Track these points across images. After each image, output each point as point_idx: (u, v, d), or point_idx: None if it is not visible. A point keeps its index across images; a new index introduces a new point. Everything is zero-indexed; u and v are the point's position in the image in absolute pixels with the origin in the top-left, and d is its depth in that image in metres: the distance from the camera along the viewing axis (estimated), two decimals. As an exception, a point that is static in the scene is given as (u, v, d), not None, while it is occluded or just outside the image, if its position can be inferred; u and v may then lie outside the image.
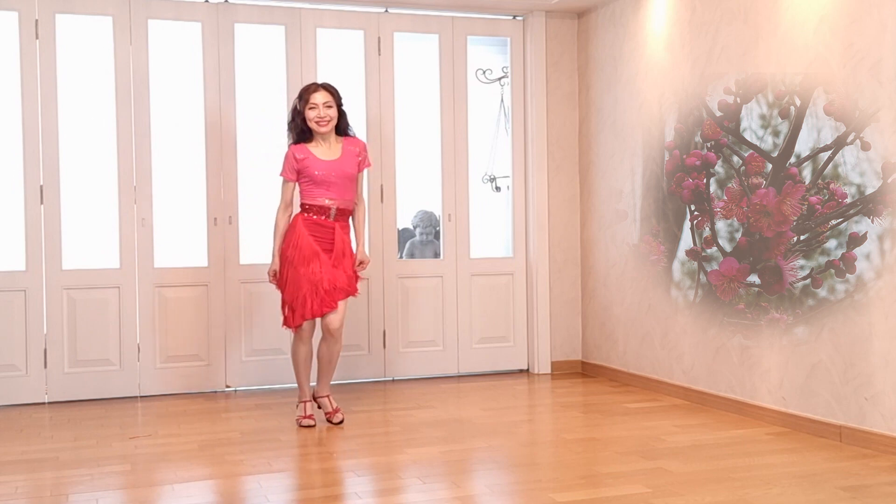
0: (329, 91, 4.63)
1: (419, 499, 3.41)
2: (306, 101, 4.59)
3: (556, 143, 6.17)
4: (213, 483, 3.67)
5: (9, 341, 5.26)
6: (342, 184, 4.62)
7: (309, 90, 4.62)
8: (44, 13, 5.30)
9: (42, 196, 5.31)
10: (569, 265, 6.22)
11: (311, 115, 4.58)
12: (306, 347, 4.69)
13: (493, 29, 6.19)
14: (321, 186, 4.59)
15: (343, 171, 4.62)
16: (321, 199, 4.60)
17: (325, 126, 4.60)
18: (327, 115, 4.59)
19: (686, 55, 5.11)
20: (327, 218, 4.61)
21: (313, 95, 4.59)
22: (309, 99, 4.59)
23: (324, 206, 4.60)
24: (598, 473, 3.70)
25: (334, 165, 4.61)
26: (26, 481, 3.68)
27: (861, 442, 4.02)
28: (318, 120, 4.58)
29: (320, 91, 4.61)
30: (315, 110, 4.58)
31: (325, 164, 4.60)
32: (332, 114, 4.61)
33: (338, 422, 4.67)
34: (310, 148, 4.63)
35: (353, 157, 4.67)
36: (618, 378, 5.81)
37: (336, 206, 4.61)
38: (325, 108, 4.58)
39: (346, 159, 4.65)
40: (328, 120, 4.60)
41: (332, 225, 4.61)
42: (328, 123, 4.60)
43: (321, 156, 4.62)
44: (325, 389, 4.74)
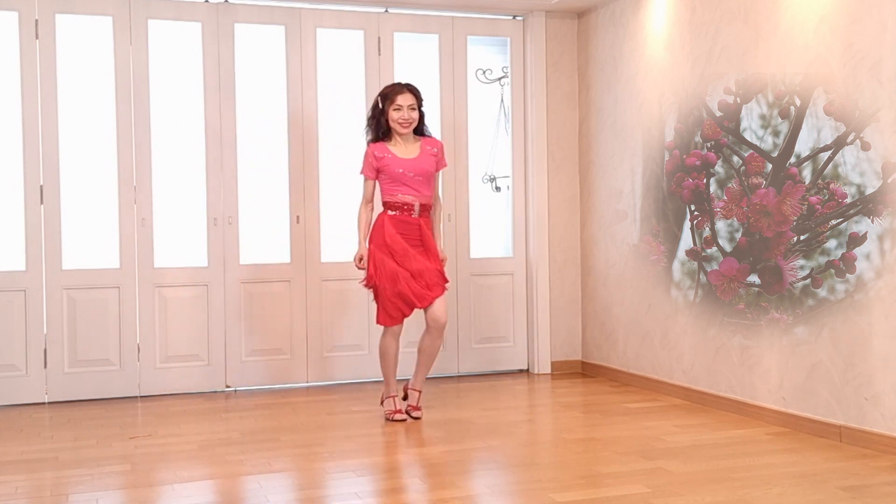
0: (414, 93, 4.72)
1: (419, 499, 3.41)
2: (392, 102, 4.67)
3: (556, 143, 6.17)
4: (213, 483, 3.67)
5: (9, 341, 5.27)
6: (422, 181, 4.71)
7: (395, 91, 4.69)
8: (44, 13, 5.30)
9: (42, 196, 5.31)
10: (569, 265, 6.22)
11: (395, 115, 4.67)
12: (397, 343, 4.78)
13: (493, 29, 6.19)
14: (403, 184, 4.68)
15: (423, 168, 4.71)
16: (404, 196, 4.69)
17: (407, 128, 4.70)
18: (411, 117, 4.69)
19: (686, 55, 5.11)
20: (411, 214, 4.69)
21: (400, 97, 4.67)
22: (395, 100, 4.67)
23: (407, 202, 4.69)
24: (598, 473, 3.70)
25: (414, 164, 4.70)
26: (26, 481, 3.68)
27: (861, 442, 4.02)
28: (401, 121, 4.68)
29: (406, 93, 4.69)
30: (400, 112, 4.67)
31: (405, 163, 4.69)
32: (416, 116, 4.72)
33: (416, 417, 4.77)
34: (389, 147, 4.72)
35: (430, 155, 4.76)
36: (618, 378, 5.81)
37: (419, 203, 4.71)
38: (409, 110, 4.69)
39: (424, 157, 4.74)
40: (411, 122, 4.70)
41: (416, 221, 4.70)
42: (410, 125, 4.71)
43: (401, 154, 4.71)
44: (418, 384, 4.85)
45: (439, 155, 4.81)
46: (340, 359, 5.88)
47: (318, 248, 5.80)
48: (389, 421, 4.71)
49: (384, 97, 4.72)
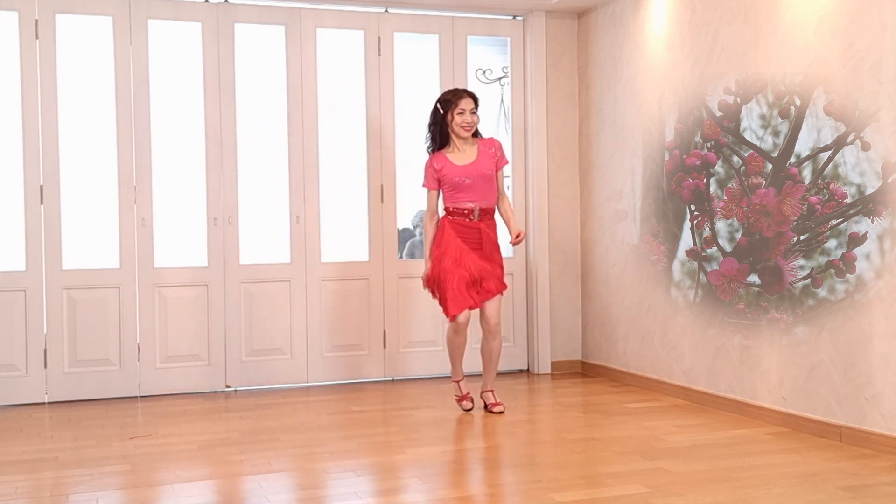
0: (474, 99, 4.83)
1: (419, 499, 3.41)
2: (456, 106, 4.78)
3: (556, 143, 6.17)
4: (213, 483, 3.67)
5: (9, 341, 5.27)
6: (481, 185, 4.79)
7: (458, 95, 4.80)
8: (44, 13, 5.30)
9: (42, 196, 5.31)
10: (569, 265, 6.22)
11: (459, 120, 4.77)
12: (460, 338, 4.87)
13: (493, 29, 6.19)
14: (462, 190, 4.77)
15: (481, 172, 4.78)
16: (463, 202, 4.78)
17: (469, 131, 4.81)
18: (473, 121, 4.81)
19: (686, 55, 5.11)
20: (471, 219, 4.79)
21: (462, 101, 4.78)
22: (459, 104, 4.77)
23: (467, 208, 4.79)
24: (598, 473, 3.70)
25: (471, 169, 4.78)
26: (26, 481, 3.68)
27: (861, 442, 4.02)
28: (465, 125, 4.78)
29: (467, 98, 4.80)
30: (463, 116, 4.77)
31: (463, 170, 4.77)
32: (476, 120, 4.83)
33: (498, 412, 4.89)
34: (447, 155, 4.82)
35: (489, 157, 4.83)
36: (618, 378, 5.81)
37: (478, 207, 4.79)
38: (471, 114, 4.79)
39: (482, 161, 4.81)
40: (473, 126, 4.81)
41: (476, 225, 4.79)
42: (472, 129, 4.81)
43: (458, 161, 4.80)
44: (488, 385, 4.98)
45: (498, 153, 4.87)
46: (341, 359, 5.88)
47: (318, 248, 5.80)
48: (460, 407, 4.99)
49: (446, 103, 4.81)
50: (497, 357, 4.95)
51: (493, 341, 4.89)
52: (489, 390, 4.98)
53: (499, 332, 4.89)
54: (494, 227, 4.89)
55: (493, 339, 4.89)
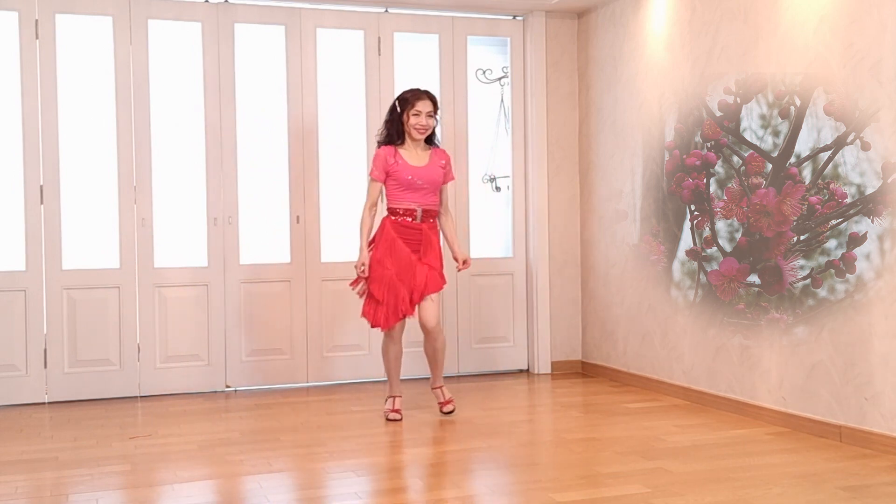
0: (433, 101, 4.77)
1: (419, 499, 3.41)
2: (412, 106, 4.72)
3: (556, 143, 6.17)
4: (213, 483, 3.67)
5: (9, 341, 5.27)
6: (429, 190, 4.77)
7: (416, 96, 4.73)
8: (44, 13, 5.30)
9: (42, 196, 5.31)
10: (569, 265, 6.22)
11: (413, 121, 4.72)
12: (397, 347, 4.83)
13: (493, 29, 6.19)
14: (409, 190, 4.73)
15: (431, 177, 4.77)
16: (408, 202, 4.74)
17: (423, 134, 4.76)
18: (429, 124, 4.75)
19: (686, 55, 5.11)
20: (414, 220, 4.75)
21: (420, 103, 4.72)
22: (415, 105, 4.72)
23: (410, 209, 4.75)
24: (598, 473, 3.70)
25: (423, 171, 4.75)
26: (26, 481, 3.68)
27: (861, 442, 4.02)
28: (419, 127, 4.73)
29: (426, 100, 4.74)
30: (419, 117, 4.72)
31: (415, 170, 4.73)
32: (433, 123, 4.78)
33: (447, 412, 4.84)
34: (401, 152, 4.76)
35: (438, 166, 4.82)
36: (618, 378, 5.81)
37: (422, 209, 4.77)
38: (427, 117, 4.74)
39: (432, 167, 4.79)
40: (427, 129, 4.76)
41: (418, 226, 4.75)
42: (426, 132, 4.76)
43: (411, 161, 4.75)
44: (437, 381, 4.92)
45: (447, 167, 4.86)
46: (340, 359, 5.88)
47: (318, 248, 5.80)
48: (387, 420, 4.76)
49: (403, 102, 4.75)
50: (442, 354, 4.89)
51: (435, 341, 4.83)
52: (438, 386, 4.92)
53: (439, 333, 4.83)
54: (437, 230, 4.87)
55: (436, 339, 4.83)
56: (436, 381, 4.92)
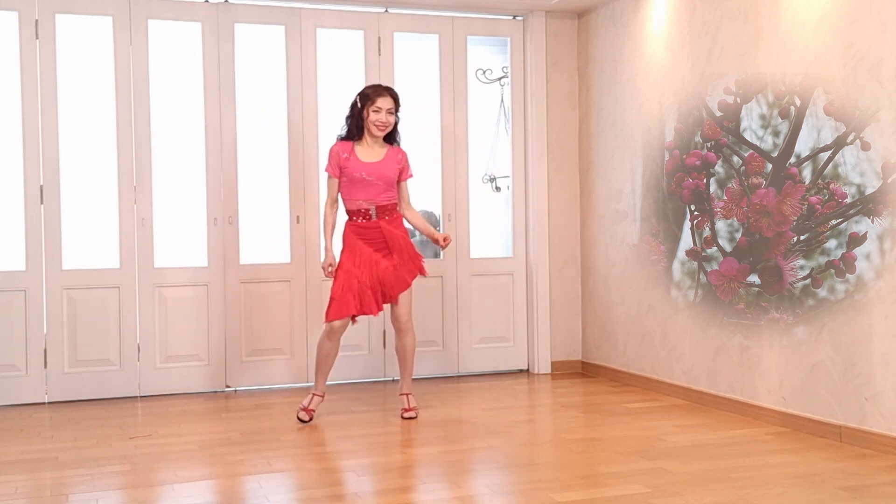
0: (394, 99, 4.72)
1: (419, 499, 3.41)
2: (372, 102, 4.66)
3: (556, 143, 6.17)
4: (213, 483, 3.67)
5: (9, 341, 5.27)
6: (382, 187, 4.69)
7: (377, 92, 4.68)
8: (44, 13, 5.30)
9: (42, 196, 5.31)
10: (569, 265, 6.22)
11: (373, 117, 4.66)
12: (331, 344, 4.71)
13: (493, 29, 6.19)
14: (358, 188, 4.67)
15: (383, 173, 4.69)
16: (359, 202, 4.68)
17: (382, 131, 4.70)
18: (388, 121, 4.70)
19: (686, 55, 5.11)
20: (369, 219, 4.68)
21: (381, 99, 4.66)
22: (376, 101, 4.66)
23: (364, 209, 4.68)
24: (598, 473, 3.70)
25: (376, 167, 4.68)
26: (26, 481, 3.68)
27: (861, 442, 4.02)
28: (378, 124, 4.67)
29: (387, 97, 4.68)
30: (378, 114, 4.66)
31: (366, 166, 4.67)
32: (392, 120, 4.72)
33: (409, 417, 4.77)
34: (355, 147, 4.71)
35: (394, 163, 4.74)
36: (618, 378, 5.81)
37: (375, 206, 4.68)
38: (387, 114, 4.69)
39: (387, 163, 4.72)
40: (387, 126, 4.70)
41: (375, 224, 4.68)
42: (386, 129, 4.71)
43: (364, 157, 4.69)
44: (405, 387, 4.83)
45: (403, 163, 4.79)
46: (340, 359, 5.85)
47: (317, 248, 5.80)
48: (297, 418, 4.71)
49: (364, 97, 4.69)
50: (412, 355, 4.83)
51: (405, 338, 4.77)
52: (405, 393, 4.84)
53: (410, 329, 4.77)
54: (399, 222, 4.77)
55: (405, 336, 4.77)
56: (403, 387, 4.85)
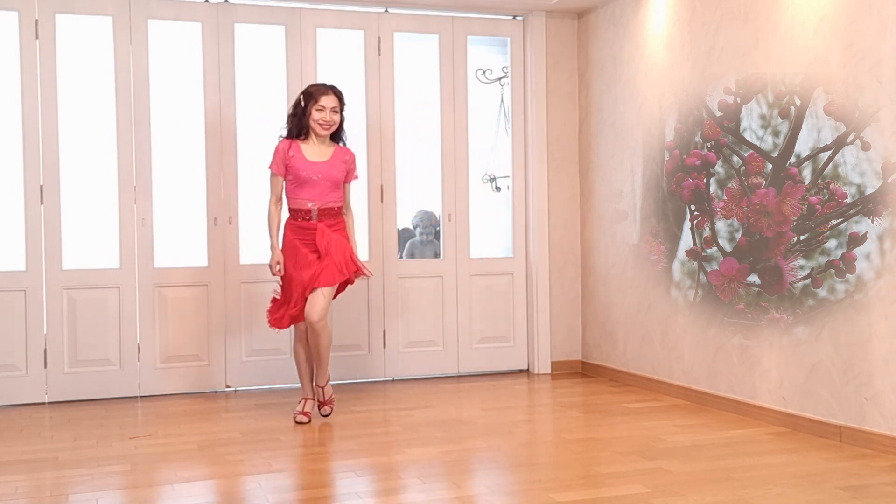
0: (338, 96, 4.67)
1: (419, 499, 3.41)
2: (315, 101, 4.61)
3: (556, 143, 6.17)
4: (213, 483, 3.67)
5: (9, 341, 5.26)
6: (326, 186, 4.64)
7: (320, 91, 4.63)
8: (44, 13, 5.30)
9: (42, 196, 5.31)
10: (569, 265, 6.22)
11: (317, 116, 4.61)
12: (302, 346, 4.76)
13: (493, 29, 6.19)
14: (304, 187, 4.62)
15: (329, 173, 4.64)
16: (302, 201, 4.63)
17: (326, 130, 4.65)
18: (332, 119, 4.64)
19: (686, 55, 5.11)
20: (310, 220, 4.63)
21: (324, 98, 4.61)
22: (319, 99, 4.61)
23: (305, 208, 4.63)
24: (598, 473, 3.70)
25: (321, 167, 4.63)
26: (26, 481, 3.68)
27: (861, 442, 4.02)
28: (322, 123, 4.62)
29: (331, 95, 4.64)
30: (322, 113, 4.61)
31: (311, 165, 4.62)
32: (337, 119, 4.66)
33: (324, 414, 4.79)
34: (301, 146, 4.66)
35: (341, 163, 4.70)
36: (618, 378, 5.81)
37: (317, 207, 4.63)
38: (331, 112, 4.63)
39: (334, 163, 4.67)
40: (331, 125, 4.65)
41: (313, 226, 4.62)
42: (330, 128, 4.66)
43: (310, 156, 4.65)
44: (320, 379, 4.78)
45: (350, 164, 4.75)
46: (340, 359, 5.87)
47: (318, 248, 5.80)
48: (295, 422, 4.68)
49: (307, 96, 4.64)
50: (324, 353, 4.65)
51: (317, 338, 4.57)
52: (321, 386, 4.77)
53: (323, 329, 4.54)
54: (342, 227, 4.70)
55: (318, 336, 4.57)
56: (319, 379, 4.76)
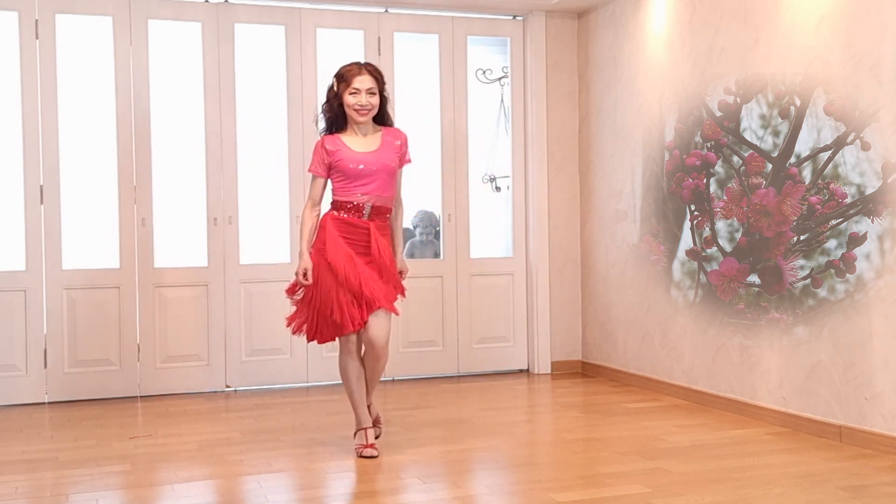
0: (374, 75, 3.99)
1: (419, 499, 3.41)
2: (347, 84, 3.95)
3: (556, 143, 6.17)
4: (213, 483, 3.67)
5: (9, 341, 5.26)
6: (380, 179, 3.97)
7: (352, 72, 3.96)
8: (44, 13, 5.30)
9: (42, 196, 5.31)
10: (569, 265, 6.22)
11: (351, 101, 3.94)
12: (356, 364, 4.01)
13: (493, 29, 6.19)
14: (356, 181, 3.94)
15: (382, 163, 3.98)
16: (355, 194, 3.95)
17: (364, 115, 3.97)
18: (369, 103, 3.96)
19: (686, 55, 5.11)
20: (360, 216, 3.97)
21: (357, 79, 3.94)
22: (351, 82, 3.94)
23: (357, 203, 3.95)
24: (598, 473, 3.70)
25: (372, 158, 3.96)
26: (26, 481, 3.68)
27: (861, 442, 4.02)
28: (358, 108, 3.95)
29: (365, 74, 3.96)
30: (357, 96, 3.94)
31: (360, 157, 3.95)
32: (375, 102, 3.98)
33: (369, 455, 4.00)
34: (343, 139, 4.00)
35: (394, 150, 4.04)
36: (618, 378, 5.81)
37: (371, 203, 3.96)
38: (367, 94, 3.95)
39: (385, 151, 4.01)
40: (369, 109, 3.97)
41: (365, 225, 3.96)
42: (368, 113, 3.97)
43: (356, 147, 3.98)
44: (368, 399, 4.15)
45: (403, 148, 4.09)
46: (340, 359, 5.87)
47: (318, 248, 5.80)
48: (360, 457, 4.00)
49: (339, 78, 3.99)
50: (375, 381, 4.07)
51: (377, 363, 3.99)
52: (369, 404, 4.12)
53: (385, 354, 3.97)
54: (388, 231, 4.07)
55: (378, 361, 3.98)
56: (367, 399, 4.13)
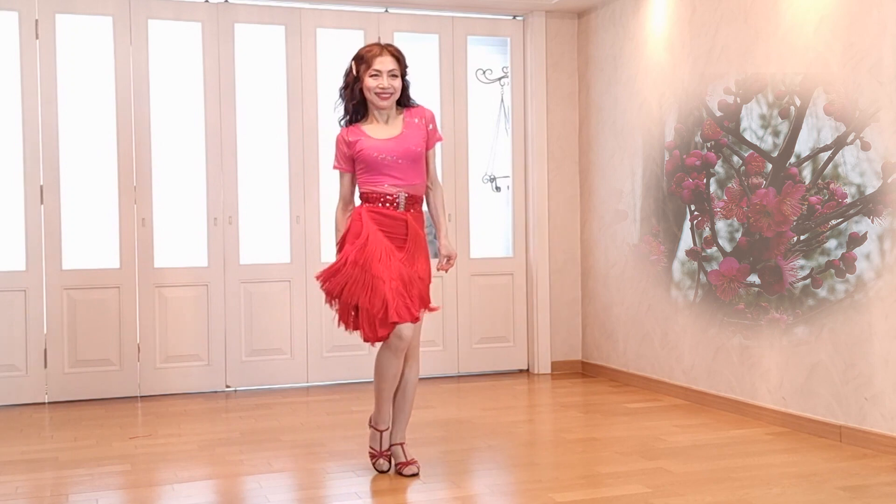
0: (396, 56, 3.68)
1: (419, 499, 3.41)
2: (368, 66, 3.63)
3: (556, 143, 6.17)
4: (213, 483, 3.67)
5: (9, 341, 5.26)
6: (408, 165, 3.67)
7: (372, 53, 3.65)
8: (44, 13, 5.30)
9: (42, 196, 5.31)
10: (569, 265, 6.22)
11: (371, 83, 3.62)
12: (398, 362, 3.65)
13: (493, 29, 6.19)
14: (381, 172, 3.65)
15: (406, 149, 3.67)
16: (383, 185, 3.66)
17: (386, 99, 3.66)
18: (391, 86, 3.64)
19: (686, 55, 5.11)
20: (396, 208, 3.66)
21: (378, 60, 3.63)
22: (372, 63, 3.62)
23: (389, 194, 3.66)
24: (598, 473, 3.70)
25: (394, 145, 3.66)
26: (26, 481, 3.68)
27: (861, 442, 4.02)
28: (379, 91, 3.63)
29: (386, 55, 3.65)
30: (378, 79, 3.63)
31: (382, 146, 3.65)
32: (397, 85, 3.66)
33: (410, 474, 3.70)
34: (363, 128, 3.70)
35: (417, 131, 3.72)
36: (618, 378, 5.81)
37: (405, 194, 3.67)
38: (389, 77, 3.63)
39: (409, 135, 3.70)
40: (391, 92, 3.66)
41: (402, 216, 3.67)
42: (391, 97, 3.67)
43: (377, 135, 3.68)
44: (399, 435, 3.79)
45: (430, 125, 3.77)
46: (340, 359, 5.88)
47: (318, 248, 5.80)
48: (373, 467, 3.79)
49: (358, 60, 3.68)
50: (412, 393, 3.78)
51: (408, 370, 3.73)
52: (399, 443, 3.78)
53: (416, 358, 3.73)
54: (423, 222, 3.77)
55: (409, 368, 3.73)
56: (397, 436, 3.79)
